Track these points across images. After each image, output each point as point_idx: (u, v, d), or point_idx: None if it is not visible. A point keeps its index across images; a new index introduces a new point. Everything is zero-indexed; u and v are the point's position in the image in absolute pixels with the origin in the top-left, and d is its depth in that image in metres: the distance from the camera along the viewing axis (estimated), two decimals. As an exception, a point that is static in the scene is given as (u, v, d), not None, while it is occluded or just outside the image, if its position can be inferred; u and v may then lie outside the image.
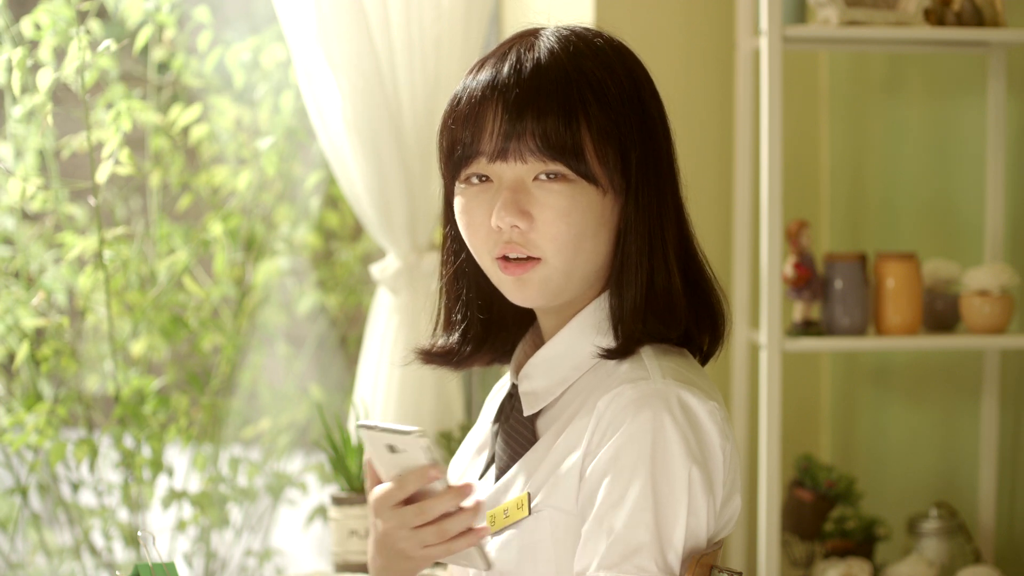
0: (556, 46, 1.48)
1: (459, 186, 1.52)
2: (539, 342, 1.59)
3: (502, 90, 1.46)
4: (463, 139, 1.49)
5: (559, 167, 1.46)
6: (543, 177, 1.47)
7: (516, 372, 1.58)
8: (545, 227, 1.46)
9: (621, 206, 1.49)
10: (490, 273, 1.52)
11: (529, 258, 1.48)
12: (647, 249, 1.48)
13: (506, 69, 1.47)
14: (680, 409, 1.44)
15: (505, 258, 1.49)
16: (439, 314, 1.62)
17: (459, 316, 1.60)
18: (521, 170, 1.47)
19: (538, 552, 1.47)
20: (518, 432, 1.55)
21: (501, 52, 1.50)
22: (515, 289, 1.50)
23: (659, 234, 1.49)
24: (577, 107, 1.45)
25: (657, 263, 1.49)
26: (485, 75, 1.49)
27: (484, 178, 1.50)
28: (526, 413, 1.54)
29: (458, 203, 1.52)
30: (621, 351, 1.49)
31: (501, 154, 1.47)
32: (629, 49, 1.54)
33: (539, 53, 1.48)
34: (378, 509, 1.47)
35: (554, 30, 1.52)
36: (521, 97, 1.45)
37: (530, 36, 1.51)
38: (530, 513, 1.48)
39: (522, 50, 1.49)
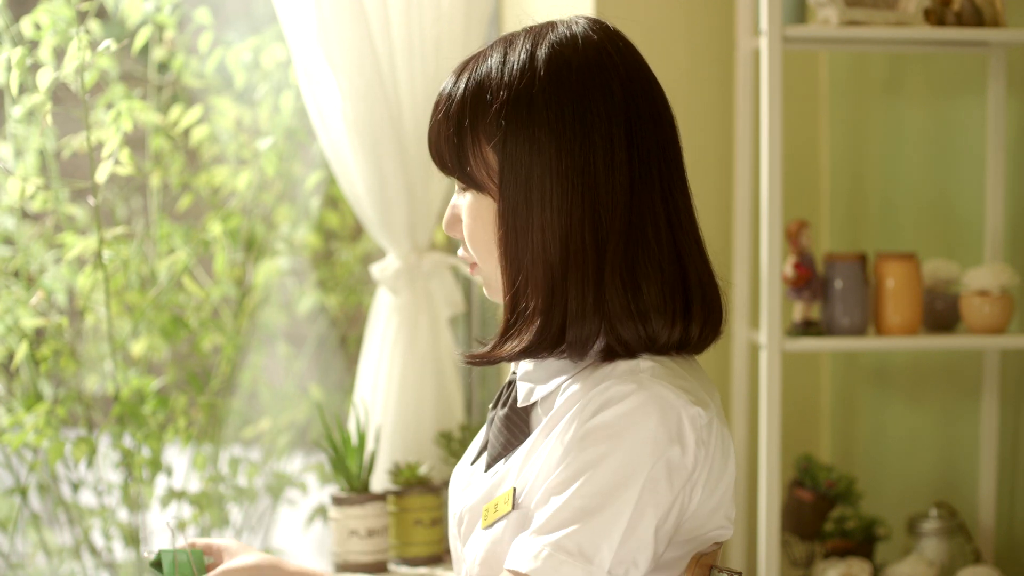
0: (493, 54, 1.52)
1: None
2: None
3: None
4: None
5: (454, 179, 1.54)
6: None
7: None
8: (465, 235, 1.55)
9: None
10: None
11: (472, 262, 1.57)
12: (512, 252, 1.50)
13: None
14: (660, 409, 1.44)
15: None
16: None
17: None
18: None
19: None
20: (512, 421, 1.55)
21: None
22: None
23: (527, 230, 1.49)
24: (454, 123, 1.51)
25: (526, 265, 1.50)
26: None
27: None
28: (519, 404, 1.55)
29: None
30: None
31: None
32: (583, 45, 1.51)
33: (447, 86, 1.54)
34: None
35: (521, 32, 1.54)
36: (432, 114, 1.55)
37: (485, 50, 1.55)
38: (514, 508, 1.48)
39: (468, 64, 1.55)
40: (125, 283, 2.71)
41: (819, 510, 2.76)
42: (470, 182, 1.52)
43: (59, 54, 2.51)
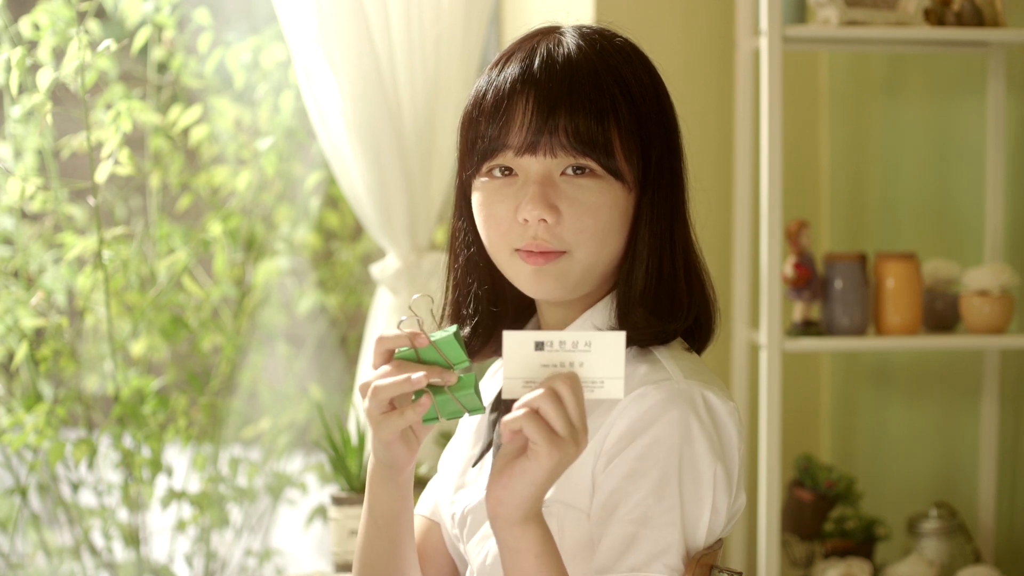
0: (583, 43, 1.49)
1: (479, 180, 1.51)
2: None
3: (533, 84, 1.46)
4: (489, 132, 1.48)
5: (589, 162, 1.46)
6: (570, 172, 1.47)
7: None
8: (572, 221, 1.47)
9: (637, 202, 1.50)
10: (506, 265, 1.52)
11: (556, 251, 1.48)
12: (658, 245, 1.50)
13: (536, 63, 1.47)
14: (705, 409, 1.46)
15: (528, 250, 1.49)
16: (447, 309, 1.61)
17: (470, 311, 1.59)
18: (550, 164, 1.47)
19: None
20: None
21: (528, 47, 1.50)
22: (533, 281, 1.49)
23: (669, 231, 1.51)
24: (607, 103, 1.46)
25: (665, 259, 1.50)
26: (513, 69, 1.48)
27: (507, 171, 1.49)
28: None
29: (477, 196, 1.52)
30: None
31: (530, 148, 1.47)
32: (642, 50, 1.55)
33: (567, 49, 1.48)
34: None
35: (576, 28, 1.53)
36: (554, 91, 1.46)
37: (554, 33, 1.52)
38: None
39: (550, 46, 1.49)
40: (125, 283, 2.71)
41: (819, 510, 2.76)
42: (614, 168, 1.47)
43: (58, 54, 2.51)
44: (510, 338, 1.34)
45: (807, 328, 2.63)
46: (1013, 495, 2.74)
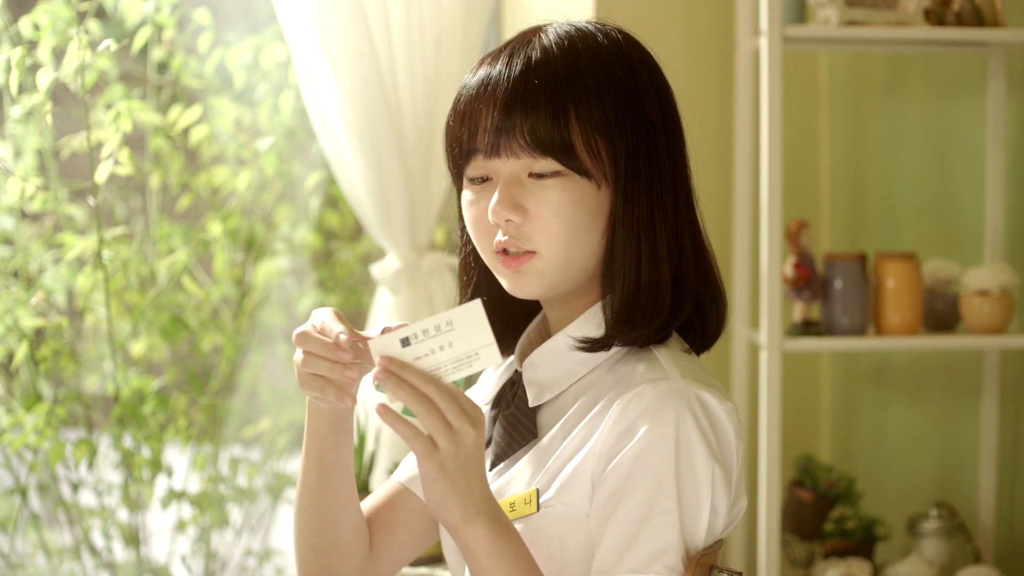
0: (552, 43, 1.50)
1: (466, 181, 1.54)
2: (545, 332, 1.61)
3: (494, 88, 1.49)
4: (461, 136, 1.51)
5: (549, 162, 1.48)
6: (539, 172, 1.49)
7: (521, 360, 1.58)
8: (538, 220, 1.48)
9: (612, 198, 1.50)
10: (491, 266, 1.54)
11: (526, 251, 1.49)
12: (635, 242, 1.50)
13: (498, 67, 1.50)
14: (701, 409, 1.46)
15: (504, 251, 1.50)
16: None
17: None
18: (515, 165, 1.49)
19: (544, 548, 1.48)
20: (519, 421, 1.55)
21: (499, 50, 1.53)
22: (513, 282, 1.52)
23: (648, 226, 1.50)
24: (566, 103, 1.47)
25: (644, 256, 1.49)
26: (481, 73, 1.51)
27: (484, 180, 1.52)
28: (531, 403, 1.55)
29: (463, 199, 1.54)
30: (600, 343, 1.51)
31: (494, 150, 1.49)
32: (637, 42, 1.55)
33: (533, 50, 1.50)
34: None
35: (557, 26, 1.53)
36: (510, 94, 1.48)
37: (531, 34, 1.53)
38: (539, 509, 1.48)
39: (516, 47, 1.51)
40: (125, 283, 2.71)
41: (819, 510, 2.76)
42: (576, 166, 1.47)
43: (58, 54, 2.51)
44: (375, 345, 1.35)
45: (807, 328, 2.63)
46: (1013, 495, 2.74)
